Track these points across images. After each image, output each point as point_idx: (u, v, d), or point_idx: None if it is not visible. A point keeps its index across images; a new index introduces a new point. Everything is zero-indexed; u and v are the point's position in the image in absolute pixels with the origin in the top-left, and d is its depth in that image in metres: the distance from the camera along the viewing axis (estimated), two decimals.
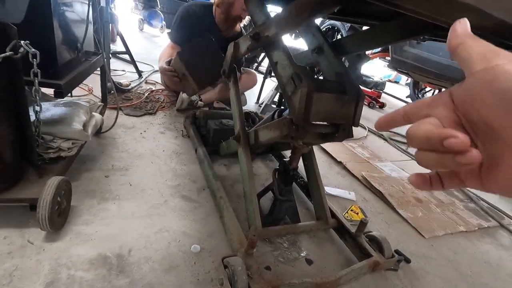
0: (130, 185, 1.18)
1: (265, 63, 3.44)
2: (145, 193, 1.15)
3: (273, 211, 1.10)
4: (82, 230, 0.92)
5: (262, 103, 2.49)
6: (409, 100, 4.32)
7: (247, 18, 2.20)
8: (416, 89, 4.14)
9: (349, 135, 0.94)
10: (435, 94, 4.16)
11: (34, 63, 0.78)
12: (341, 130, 0.92)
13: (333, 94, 0.85)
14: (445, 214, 1.54)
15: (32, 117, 0.89)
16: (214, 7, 2.08)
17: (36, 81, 0.82)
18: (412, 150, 2.44)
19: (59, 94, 0.95)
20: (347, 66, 2.67)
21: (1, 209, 0.90)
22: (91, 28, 1.35)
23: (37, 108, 0.87)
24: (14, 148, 0.85)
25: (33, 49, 0.77)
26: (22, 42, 0.75)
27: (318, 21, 3.34)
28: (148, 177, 1.25)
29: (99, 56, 1.38)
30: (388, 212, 1.45)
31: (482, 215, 1.64)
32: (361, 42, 1.01)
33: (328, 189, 1.47)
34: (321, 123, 0.89)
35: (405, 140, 2.66)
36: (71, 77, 1.04)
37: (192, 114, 1.72)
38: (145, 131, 1.65)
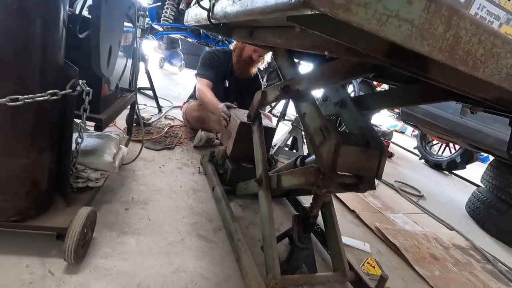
0: (149, 219, 1.18)
1: (279, 106, 3.58)
2: (163, 229, 1.15)
3: (291, 258, 1.09)
4: (101, 264, 0.91)
5: (275, 145, 2.55)
6: (416, 151, 4.37)
7: (266, 61, 2.36)
8: (424, 141, 4.21)
9: (372, 187, 0.96)
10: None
11: (86, 100, 0.85)
12: (364, 182, 0.94)
13: (359, 147, 0.90)
14: (463, 275, 1.49)
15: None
16: (232, 52, 2.28)
17: (84, 115, 0.88)
18: (424, 203, 2.42)
19: (99, 127, 1.01)
20: None
21: (27, 236, 0.91)
22: (128, 67, 1.47)
23: (79, 140, 0.92)
24: (50, 176, 0.88)
25: (88, 88, 0.84)
26: (80, 81, 0.83)
27: None
28: (165, 213, 1.26)
29: (132, 93, 1.48)
30: (404, 268, 1.41)
31: (501, 279, 1.58)
32: (383, 101, 1.08)
33: (343, 239, 1.44)
34: (346, 173, 0.93)
35: (415, 192, 2.65)
36: (110, 113, 1.11)
37: (210, 153, 1.77)
38: (163, 165, 1.69)
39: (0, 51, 0.67)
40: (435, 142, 4.28)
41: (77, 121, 0.92)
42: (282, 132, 2.70)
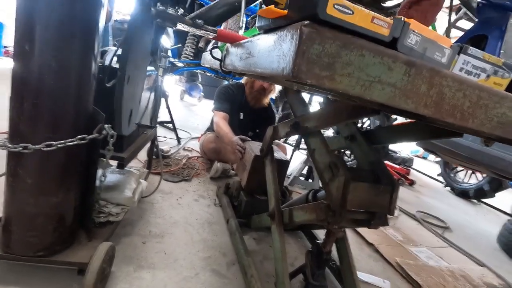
0: (165, 253, 1.21)
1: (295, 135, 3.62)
2: (178, 264, 1.17)
3: None
4: None
5: (290, 175, 2.56)
6: (440, 178, 4.19)
7: (277, 90, 2.44)
8: (447, 167, 4.05)
9: (384, 223, 0.95)
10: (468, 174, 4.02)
11: (111, 142, 0.93)
12: (376, 218, 0.94)
13: (369, 183, 0.91)
14: None
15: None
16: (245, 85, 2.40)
17: (109, 156, 0.96)
18: (450, 235, 2.29)
19: (121, 165, 1.08)
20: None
21: (50, 269, 0.96)
22: (150, 105, 1.59)
23: (103, 178, 0.99)
24: (75, 212, 0.95)
25: (112, 131, 0.93)
26: (105, 126, 0.91)
27: None
28: (181, 246, 1.29)
29: (153, 129, 1.58)
30: None
31: None
32: (393, 135, 1.09)
33: (360, 275, 1.39)
34: (356, 210, 0.93)
35: (440, 223, 2.52)
36: (132, 150, 1.20)
37: (225, 185, 1.81)
38: (180, 198, 1.74)
39: (40, 105, 0.77)
40: (460, 168, 4.10)
41: (102, 160, 1.00)
42: (297, 161, 2.71)
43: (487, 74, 0.47)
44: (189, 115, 4.64)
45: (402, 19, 0.38)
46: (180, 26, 0.69)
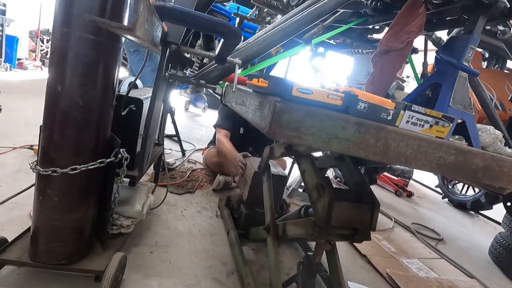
0: (170, 262, 1.33)
1: None
2: (182, 272, 1.29)
3: None
4: None
5: (289, 187, 2.67)
6: (438, 189, 4.26)
7: None
8: (445, 179, 4.12)
9: (367, 238, 1.07)
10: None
11: (125, 164, 1.07)
12: (359, 234, 1.06)
13: (351, 203, 1.03)
14: None
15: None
16: None
17: (123, 175, 1.09)
18: (443, 248, 2.37)
19: (133, 183, 1.22)
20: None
21: (69, 276, 1.09)
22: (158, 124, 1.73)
23: (117, 195, 1.13)
24: (92, 226, 1.08)
25: (127, 155, 1.06)
26: (121, 150, 1.05)
27: None
28: (185, 256, 1.41)
29: (160, 147, 1.72)
30: None
31: None
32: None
33: (351, 285, 1.50)
34: (341, 226, 1.05)
35: (434, 235, 2.60)
36: (142, 169, 1.33)
37: (226, 198, 1.93)
38: (184, 209, 1.86)
39: (67, 135, 0.91)
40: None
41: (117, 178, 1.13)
42: (296, 174, 2.82)
43: (430, 124, 0.59)
44: (193, 126, 4.79)
45: (352, 93, 0.51)
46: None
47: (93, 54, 0.88)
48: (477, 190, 3.73)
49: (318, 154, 2.35)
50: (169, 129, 3.30)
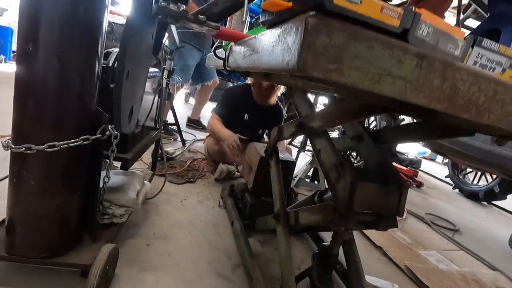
0: (169, 255, 1.20)
1: (300, 137, 3.59)
2: (182, 266, 1.16)
3: None
4: None
5: (295, 177, 2.53)
6: (448, 180, 4.11)
7: (283, 88, 2.45)
8: (456, 169, 3.98)
9: (393, 225, 0.93)
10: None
11: (114, 142, 0.93)
12: (384, 220, 0.91)
13: (377, 184, 0.88)
14: None
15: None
16: (251, 86, 2.41)
17: (112, 157, 0.95)
18: (460, 238, 2.23)
19: (125, 166, 1.08)
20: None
21: (53, 271, 0.96)
22: (154, 107, 1.58)
23: (106, 179, 0.99)
24: (79, 214, 0.94)
25: (116, 132, 0.92)
26: (109, 126, 0.91)
27: None
28: (185, 248, 1.27)
29: (157, 131, 1.58)
30: None
31: None
32: (402, 135, 1.07)
33: (369, 279, 1.36)
34: (364, 211, 0.90)
35: (450, 226, 2.47)
36: (136, 151, 1.19)
37: (230, 186, 1.79)
38: (185, 199, 1.73)
39: (43, 105, 0.77)
40: (469, 170, 4.02)
41: (105, 160, 0.99)
42: (303, 163, 2.68)
43: (502, 68, 0.45)
44: None
45: (413, 9, 0.36)
46: (182, 22, 0.68)
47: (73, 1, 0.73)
48: (490, 179, 3.59)
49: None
50: (168, 122, 3.16)
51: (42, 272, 0.95)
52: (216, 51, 0.89)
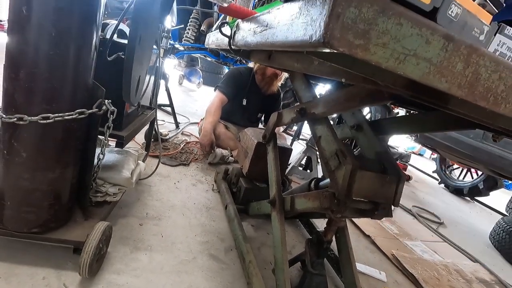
0: (162, 236, 1.19)
1: (294, 125, 3.59)
2: (175, 247, 1.16)
3: (303, 284, 1.06)
4: (113, 279, 0.92)
5: (289, 165, 2.53)
6: (435, 175, 4.22)
7: (283, 77, 2.44)
8: (443, 165, 4.07)
9: (388, 214, 0.94)
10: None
11: (110, 118, 0.89)
12: (380, 209, 0.92)
13: (375, 173, 0.89)
14: None
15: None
16: (254, 71, 2.39)
17: (108, 133, 0.92)
18: (444, 231, 2.31)
19: (120, 144, 1.05)
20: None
21: (45, 247, 0.94)
22: (150, 86, 1.54)
23: (101, 156, 0.96)
24: (72, 190, 0.92)
25: (113, 107, 0.89)
26: (106, 101, 0.87)
27: None
28: (178, 230, 1.27)
29: (153, 110, 1.54)
30: None
31: None
32: (401, 126, 1.07)
33: (357, 266, 1.39)
34: (361, 199, 0.91)
35: (435, 218, 2.54)
36: (131, 130, 1.16)
37: (224, 170, 1.78)
38: (178, 182, 1.71)
39: (37, 74, 0.72)
40: (455, 166, 4.13)
41: (100, 137, 0.96)
42: (296, 151, 2.69)
43: None
44: (188, 101, 4.57)
45: None
46: None
47: None
48: (475, 176, 3.70)
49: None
50: (162, 103, 3.09)
51: (33, 247, 0.93)
52: (221, 28, 0.85)
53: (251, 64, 2.46)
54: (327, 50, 0.34)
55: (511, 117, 0.43)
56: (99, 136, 0.95)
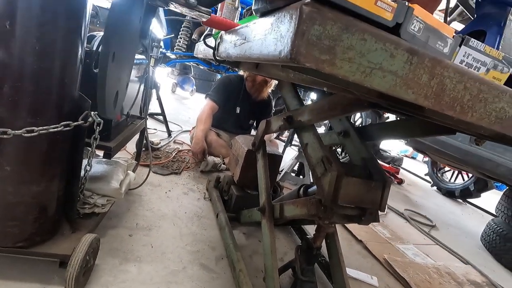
0: (152, 246, 1.18)
1: (286, 132, 3.60)
2: (165, 257, 1.15)
3: None
4: None
5: (281, 171, 2.55)
6: (428, 178, 4.26)
7: (273, 83, 2.47)
8: (435, 167, 4.13)
9: (375, 219, 0.95)
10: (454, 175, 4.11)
11: (97, 130, 0.90)
12: (367, 214, 0.93)
13: (361, 179, 0.90)
14: None
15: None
16: (245, 78, 2.42)
17: (94, 144, 0.92)
18: (436, 234, 2.33)
19: (108, 155, 1.05)
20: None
21: (31, 261, 0.92)
22: (140, 95, 1.54)
23: (88, 167, 0.96)
24: (58, 203, 0.91)
25: (99, 119, 0.89)
26: (92, 113, 0.87)
27: None
28: (169, 240, 1.26)
29: (143, 120, 1.54)
30: None
31: None
32: (387, 132, 1.09)
33: (349, 271, 1.40)
34: (348, 205, 0.92)
35: (427, 221, 2.56)
36: (120, 140, 1.16)
37: (216, 178, 1.78)
38: (169, 191, 1.70)
39: (21, 88, 0.73)
40: (447, 168, 4.18)
41: (88, 149, 0.96)
42: (289, 157, 2.70)
43: (487, 68, 0.46)
44: (180, 108, 4.58)
45: (406, 3, 0.36)
46: (172, 6, 0.66)
47: None
48: (466, 178, 3.75)
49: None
50: (154, 112, 3.09)
51: (18, 262, 0.91)
52: (205, 40, 0.87)
53: (241, 72, 2.49)
54: (296, 65, 0.35)
55: (479, 125, 0.45)
56: (86, 148, 0.95)
